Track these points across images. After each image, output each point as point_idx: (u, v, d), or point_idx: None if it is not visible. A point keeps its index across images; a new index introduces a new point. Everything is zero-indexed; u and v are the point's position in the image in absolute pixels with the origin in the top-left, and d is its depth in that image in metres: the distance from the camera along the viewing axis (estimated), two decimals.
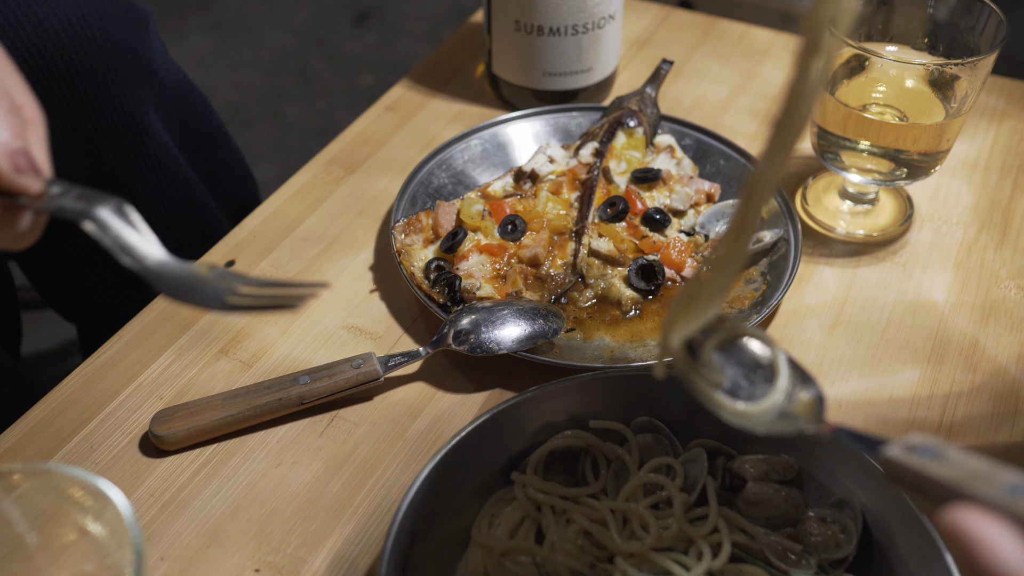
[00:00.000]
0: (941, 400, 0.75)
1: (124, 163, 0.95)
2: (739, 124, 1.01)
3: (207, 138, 1.09)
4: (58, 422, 0.72)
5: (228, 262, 0.85)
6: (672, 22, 1.17)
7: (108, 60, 0.88)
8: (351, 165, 0.96)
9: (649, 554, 0.60)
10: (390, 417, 0.73)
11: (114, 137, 0.92)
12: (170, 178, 0.99)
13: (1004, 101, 1.03)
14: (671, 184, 0.87)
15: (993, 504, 0.38)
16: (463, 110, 1.03)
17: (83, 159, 0.92)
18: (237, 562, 0.64)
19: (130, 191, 0.97)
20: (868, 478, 0.61)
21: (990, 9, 0.79)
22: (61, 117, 0.88)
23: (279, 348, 0.78)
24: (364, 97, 2.33)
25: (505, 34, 0.96)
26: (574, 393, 0.66)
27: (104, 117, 0.91)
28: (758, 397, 0.52)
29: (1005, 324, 0.81)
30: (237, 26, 2.59)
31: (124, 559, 0.49)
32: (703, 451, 0.65)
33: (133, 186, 0.97)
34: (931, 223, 0.90)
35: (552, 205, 0.85)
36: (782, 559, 0.60)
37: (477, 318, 0.75)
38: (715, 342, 0.55)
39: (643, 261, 0.81)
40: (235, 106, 2.34)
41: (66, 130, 0.89)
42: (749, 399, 0.52)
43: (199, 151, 1.07)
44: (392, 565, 0.56)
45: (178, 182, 1.00)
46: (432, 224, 0.84)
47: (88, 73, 0.87)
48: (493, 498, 0.65)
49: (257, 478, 0.69)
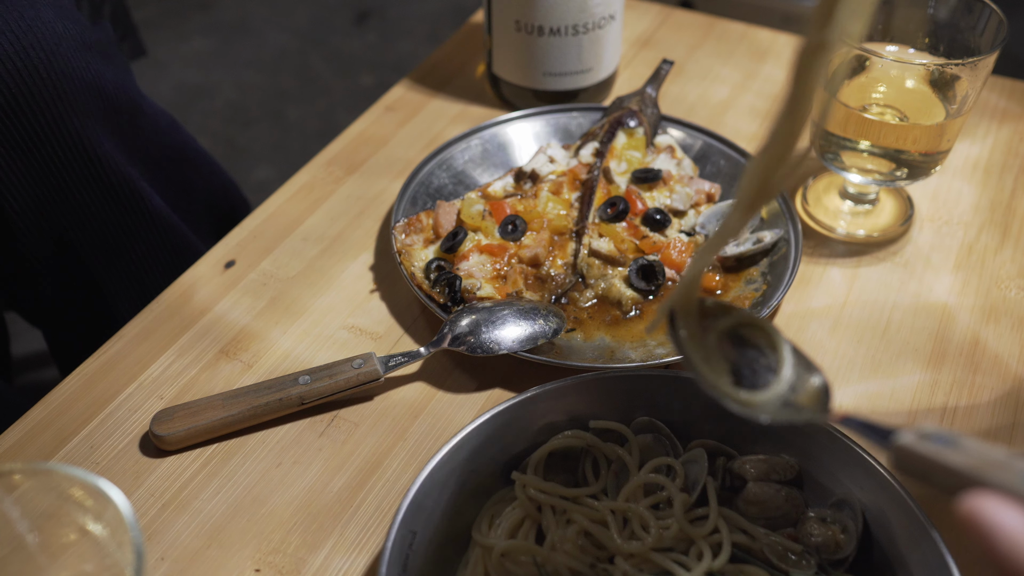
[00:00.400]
0: (942, 401, 0.75)
1: (78, 190, 0.93)
2: (740, 124, 1.01)
3: (172, 156, 1.06)
4: (58, 422, 0.72)
5: (228, 262, 0.85)
6: (673, 22, 1.17)
7: (54, 88, 0.86)
8: (352, 165, 0.96)
9: (649, 554, 0.60)
10: (390, 417, 0.73)
11: (65, 165, 0.90)
12: (127, 203, 0.97)
13: (1005, 101, 1.03)
14: (671, 184, 0.87)
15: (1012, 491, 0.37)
16: (464, 110, 1.03)
17: (35, 188, 0.90)
18: (237, 562, 0.64)
19: (85, 217, 0.95)
20: (868, 478, 0.61)
21: (990, 9, 0.79)
22: (10, 148, 0.87)
23: (280, 348, 0.78)
24: (364, 97, 2.33)
25: (506, 34, 0.96)
26: (574, 393, 0.66)
27: (54, 146, 0.89)
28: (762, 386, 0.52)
29: (1006, 324, 0.81)
30: (238, 26, 2.59)
31: (124, 559, 0.49)
32: (703, 451, 0.65)
33: (88, 212, 0.95)
34: (932, 223, 0.90)
35: (552, 205, 0.85)
36: (782, 559, 0.60)
37: (477, 318, 0.75)
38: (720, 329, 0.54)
39: (643, 261, 0.81)
40: (236, 106, 2.34)
41: (16, 160, 0.87)
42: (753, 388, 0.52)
43: (163, 170, 1.05)
44: (392, 565, 0.56)
45: (136, 206, 0.98)
46: (432, 224, 0.84)
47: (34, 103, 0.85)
48: (493, 498, 0.65)
49: (257, 478, 0.69)
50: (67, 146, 0.90)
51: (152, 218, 1.00)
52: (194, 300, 0.82)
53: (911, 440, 0.42)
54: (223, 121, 2.31)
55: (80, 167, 0.92)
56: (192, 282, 0.83)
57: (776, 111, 0.48)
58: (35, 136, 0.87)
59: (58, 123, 0.88)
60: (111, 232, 0.98)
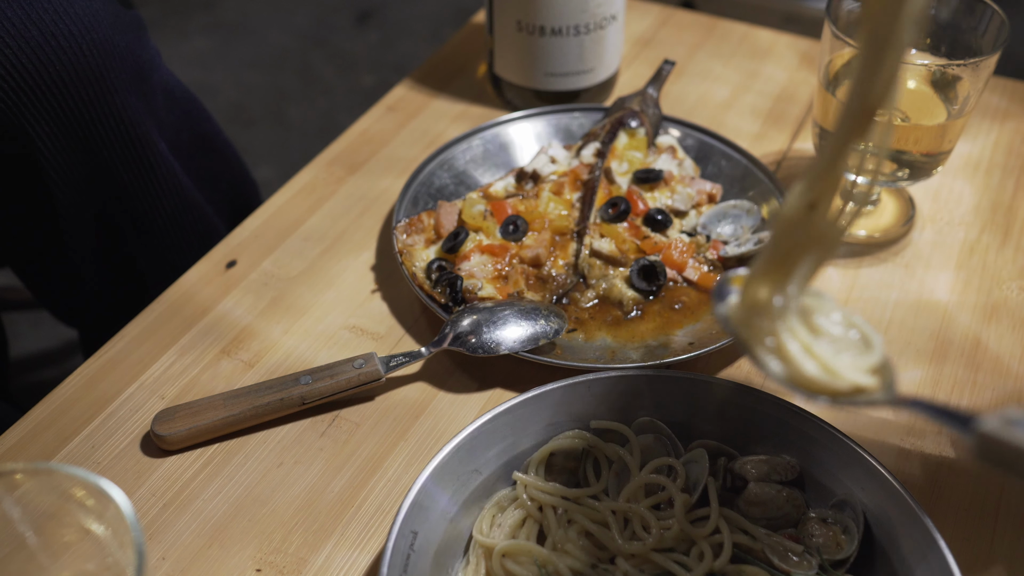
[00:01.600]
0: (943, 400, 0.75)
1: (119, 169, 0.95)
2: (741, 124, 1.01)
3: (203, 143, 1.09)
4: (60, 421, 0.72)
5: (230, 262, 0.85)
6: (674, 22, 1.17)
7: (100, 66, 0.88)
8: (353, 165, 0.96)
9: (650, 555, 0.60)
10: (392, 417, 0.73)
11: (108, 143, 0.93)
12: (165, 184, 1.00)
13: (1007, 102, 1.03)
14: (673, 185, 0.87)
15: None
16: (465, 110, 1.03)
17: (80, 168, 0.93)
18: (238, 562, 0.64)
19: (126, 197, 0.98)
20: (869, 478, 0.61)
21: (992, 10, 0.79)
22: (55, 123, 0.88)
23: (281, 348, 0.78)
24: (366, 97, 2.33)
25: (507, 34, 0.96)
26: (575, 394, 0.66)
27: (98, 124, 0.91)
28: (834, 365, 0.48)
29: (1007, 324, 0.81)
30: (239, 26, 2.59)
31: (126, 559, 0.49)
32: (704, 452, 0.65)
33: (129, 192, 0.97)
34: (933, 224, 0.90)
35: (554, 205, 0.85)
36: (783, 560, 0.60)
37: (479, 318, 0.75)
38: (798, 305, 0.50)
39: (645, 262, 0.81)
40: (237, 106, 2.34)
41: (59, 136, 0.89)
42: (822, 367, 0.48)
43: (195, 156, 1.08)
44: (394, 565, 0.56)
45: (173, 188, 1.01)
46: (434, 224, 0.84)
47: (80, 79, 0.87)
48: (495, 498, 0.65)
49: (259, 478, 0.69)
50: (108, 123, 0.92)
51: (185, 199, 1.03)
52: (196, 300, 0.82)
53: (996, 426, 0.39)
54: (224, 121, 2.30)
55: (120, 145, 0.94)
56: (193, 282, 0.83)
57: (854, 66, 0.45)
58: (78, 111, 0.89)
59: (99, 99, 0.90)
60: (147, 210, 1.00)
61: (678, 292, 0.81)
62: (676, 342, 0.77)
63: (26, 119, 0.86)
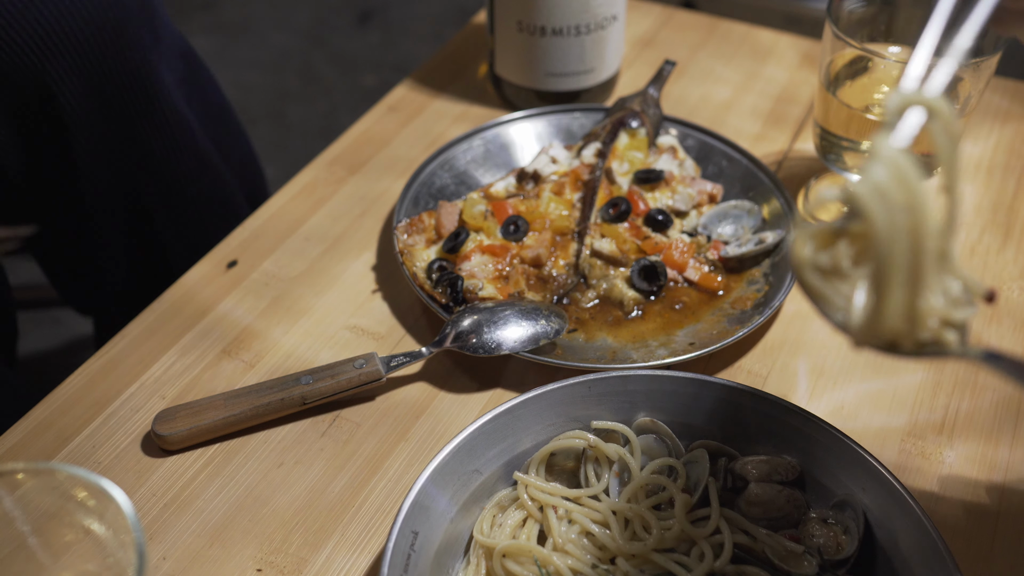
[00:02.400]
0: (944, 401, 0.75)
1: (137, 122, 0.97)
2: (742, 125, 1.01)
3: (215, 112, 1.11)
4: (61, 421, 0.72)
5: (230, 262, 0.85)
6: (675, 23, 1.17)
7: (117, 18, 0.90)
8: (354, 165, 0.96)
9: (651, 555, 0.60)
10: (392, 417, 0.73)
11: (126, 96, 0.94)
12: (181, 140, 1.01)
13: (1008, 102, 1.03)
14: (673, 185, 0.87)
15: None
16: (466, 110, 1.03)
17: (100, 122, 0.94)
18: (239, 562, 0.64)
19: (144, 151, 0.99)
20: (870, 479, 0.61)
21: None
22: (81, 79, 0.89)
23: (282, 348, 0.78)
24: (367, 97, 2.33)
25: (508, 35, 0.96)
26: (576, 394, 0.66)
27: (120, 77, 0.93)
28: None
29: (1008, 325, 0.81)
30: (240, 26, 2.59)
31: (126, 559, 0.49)
32: (705, 452, 0.65)
33: (147, 146, 0.99)
34: None
35: (554, 206, 0.85)
36: (784, 560, 0.60)
37: (479, 318, 0.75)
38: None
39: (645, 262, 0.81)
40: (238, 106, 2.32)
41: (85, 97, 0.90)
42: None
43: (209, 126, 1.09)
44: (394, 565, 0.56)
45: (189, 145, 1.02)
46: (435, 224, 0.84)
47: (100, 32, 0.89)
48: (495, 498, 0.65)
49: (259, 478, 0.69)
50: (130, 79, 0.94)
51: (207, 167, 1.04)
52: (196, 300, 0.82)
53: None
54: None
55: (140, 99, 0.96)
56: (194, 282, 0.83)
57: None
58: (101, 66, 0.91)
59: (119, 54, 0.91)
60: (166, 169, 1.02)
61: (679, 292, 0.81)
62: (677, 342, 0.77)
63: (51, 76, 0.87)
